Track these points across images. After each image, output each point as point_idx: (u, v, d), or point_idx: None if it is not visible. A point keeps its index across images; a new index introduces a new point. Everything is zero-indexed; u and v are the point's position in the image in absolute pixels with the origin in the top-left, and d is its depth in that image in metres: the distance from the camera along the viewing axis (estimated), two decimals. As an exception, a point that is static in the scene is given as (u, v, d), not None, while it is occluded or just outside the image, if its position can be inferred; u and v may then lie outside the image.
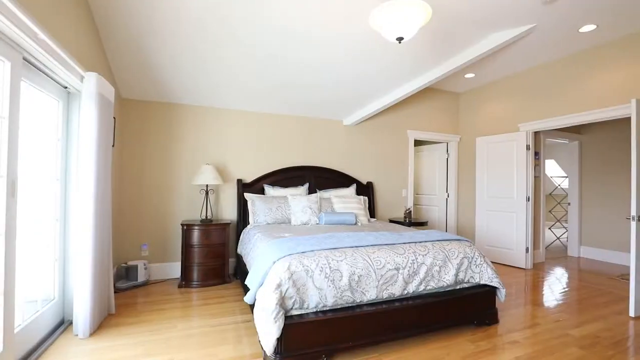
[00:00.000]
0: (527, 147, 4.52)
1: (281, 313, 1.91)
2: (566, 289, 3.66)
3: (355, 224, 3.71)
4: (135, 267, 3.48)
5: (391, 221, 4.71)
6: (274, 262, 2.11)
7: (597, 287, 3.77)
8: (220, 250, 3.64)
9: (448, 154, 5.65)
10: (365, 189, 4.74)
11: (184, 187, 3.92)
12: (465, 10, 2.71)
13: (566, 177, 6.83)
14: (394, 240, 2.52)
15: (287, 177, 4.28)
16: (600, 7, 2.94)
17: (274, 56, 3.07)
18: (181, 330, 2.53)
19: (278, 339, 1.92)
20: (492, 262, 4.88)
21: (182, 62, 3.10)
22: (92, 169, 2.35)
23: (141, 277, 3.51)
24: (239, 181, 4.05)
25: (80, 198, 2.33)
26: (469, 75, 4.84)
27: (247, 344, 2.32)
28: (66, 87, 2.43)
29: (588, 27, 3.35)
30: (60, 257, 2.47)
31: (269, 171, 4.28)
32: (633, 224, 2.88)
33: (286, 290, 1.98)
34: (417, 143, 6.44)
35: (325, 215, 3.62)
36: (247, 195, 3.90)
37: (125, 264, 3.53)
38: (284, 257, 2.12)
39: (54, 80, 2.28)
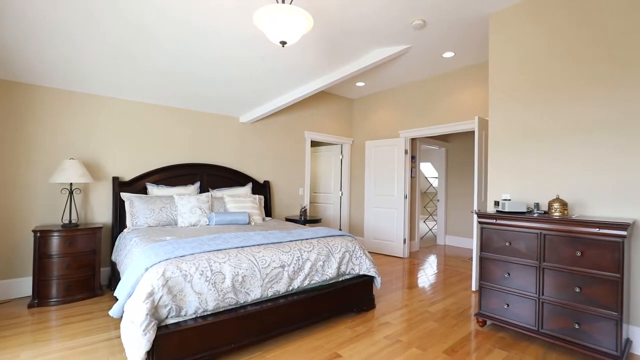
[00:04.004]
0: (406, 152, 5.17)
1: (152, 324, 1.76)
2: (431, 273, 4.32)
3: (249, 223, 3.66)
4: (-38, 287, 2.73)
5: (287, 219, 4.81)
6: (147, 269, 1.93)
7: (454, 269, 4.56)
8: (89, 259, 3.15)
9: (342, 155, 6.06)
10: (262, 188, 4.72)
11: (40, 186, 3.25)
12: (350, 24, 2.95)
13: (437, 177, 8.07)
14: (281, 239, 2.57)
15: (175, 175, 3.95)
16: (454, 38, 3.55)
17: (162, 40, 2.79)
18: (27, 359, 2.09)
19: (149, 352, 1.77)
20: (377, 253, 5.44)
21: (38, 33, 2.54)
22: None
23: (-29, 300, 2.78)
24: (115, 179, 3.56)
25: None
26: (359, 84, 5.27)
27: (116, 363, 2.06)
28: None
29: (448, 54, 4.02)
30: None
31: (154, 168, 3.87)
32: (475, 216, 3.57)
33: (160, 299, 1.82)
34: (315, 144, 6.74)
35: (216, 215, 3.48)
36: (124, 195, 3.46)
37: (-54, 284, 2.75)
38: (159, 262, 1.95)
39: None
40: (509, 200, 2.64)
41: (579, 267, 2.17)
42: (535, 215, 2.42)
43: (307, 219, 4.71)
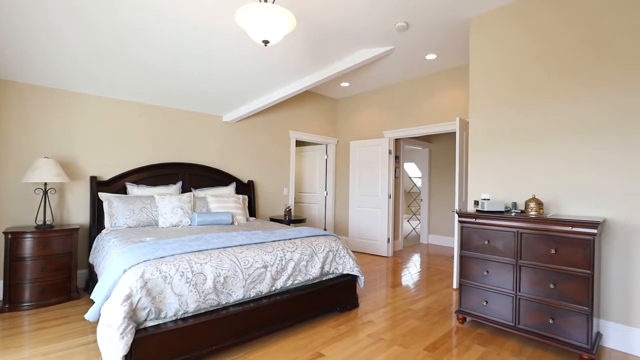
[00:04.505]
0: (390, 152, 5.23)
1: (130, 327, 1.71)
2: (414, 271, 4.39)
3: (232, 223, 3.62)
4: None
5: (272, 219, 4.79)
6: (125, 271, 1.88)
7: (436, 267, 4.64)
8: (65, 261, 3.05)
9: (327, 155, 6.08)
10: (246, 188, 4.68)
11: (12, 186, 3.12)
12: (334, 25, 2.96)
13: (420, 177, 8.20)
14: (264, 239, 2.56)
15: (156, 174, 3.86)
16: (437, 40, 3.62)
17: (143, 35, 2.72)
18: (-4, 366, 2.01)
19: (126, 355, 1.72)
20: (362, 252, 5.48)
21: (11, 24, 2.43)
22: None
23: (-64, 305, 2.64)
24: (93, 179, 3.45)
25: None
26: (344, 84, 5.30)
27: (92, 368, 2.01)
28: None
29: (431, 56, 4.09)
30: None
31: (134, 167, 3.78)
32: (456, 215, 3.65)
33: (138, 301, 1.78)
34: (300, 143, 6.73)
35: (199, 215, 3.42)
36: (102, 195, 3.36)
37: None
38: (138, 264, 1.91)
39: None
40: (488, 199, 2.71)
41: (553, 264, 2.25)
42: (513, 214, 2.49)
43: (291, 219, 4.69)
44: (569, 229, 2.17)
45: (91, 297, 2.06)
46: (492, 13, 3.03)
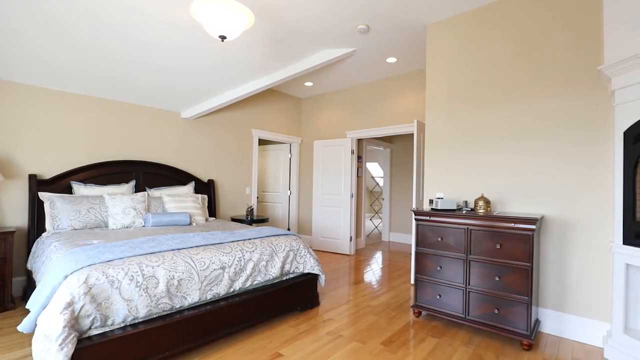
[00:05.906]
0: (352, 152, 5.32)
1: (72, 336, 1.59)
2: (375, 269, 4.50)
3: (190, 224, 3.49)
4: None
5: (233, 219, 4.68)
6: (66, 277, 1.74)
7: (396, 264, 4.79)
8: (-2, 267, 2.76)
9: (291, 154, 6.06)
10: (206, 187, 4.53)
11: None
12: (296, 23, 2.95)
13: (383, 177, 8.43)
14: (223, 239, 2.49)
15: (106, 172, 3.61)
16: (397, 45, 3.74)
17: (92, 19, 2.53)
18: None
19: (66, 368, 1.60)
20: (324, 251, 5.53)
21: None
22: None
23: None
24: (33, 177, 3.15)
25: None
26: (308, 84, 5.31)
27: (27, 383, 1.84)
28: None
29: (391, 59, 4.21)
30: None
31: (81, 165, 3.51)
32: (412, 214, 3.79)
33: (81, 308, 1.66)
34: (263, 142, 6.65)
35: (153, 216, 3.26)
36: (43, 195, 3.09)
37: None
38: (82, 268, 1.78)
39: None
40: (442, 198, 2.84)
41: (498, 258, 2.42)
42: (464, 212, 2.64)
43: (253, 219, 4.62)
44: (512, 225, 2.34)
45: (27, 306, 1.89)
46: (446, 22, 3.18)
